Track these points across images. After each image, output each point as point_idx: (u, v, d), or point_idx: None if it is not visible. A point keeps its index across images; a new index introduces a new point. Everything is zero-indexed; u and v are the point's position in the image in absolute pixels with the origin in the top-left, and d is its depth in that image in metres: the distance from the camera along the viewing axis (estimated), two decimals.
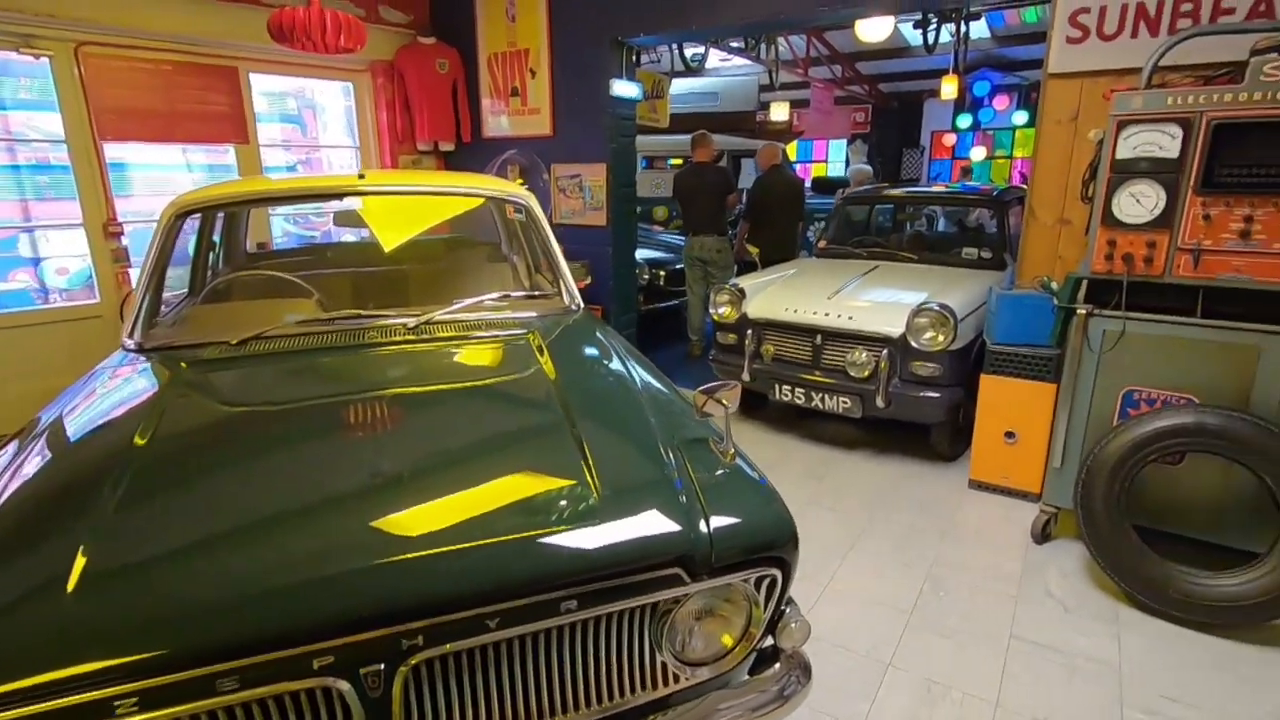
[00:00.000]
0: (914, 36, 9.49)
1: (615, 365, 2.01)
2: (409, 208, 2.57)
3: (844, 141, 13.36)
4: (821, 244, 4.92)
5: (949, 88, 8.23)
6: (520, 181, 5.20)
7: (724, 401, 1.56)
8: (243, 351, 1.93)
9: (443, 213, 2.70)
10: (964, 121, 11.70)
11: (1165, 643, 2.30)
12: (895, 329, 3.43)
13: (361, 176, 2.40)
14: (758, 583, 1.33)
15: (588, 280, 4.94)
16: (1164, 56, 2.61)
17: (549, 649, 1.18)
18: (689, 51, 5.53)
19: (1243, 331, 2.42)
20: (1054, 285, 2.75)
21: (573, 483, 1.37)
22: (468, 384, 1.88)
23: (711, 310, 4.10)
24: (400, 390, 1.73)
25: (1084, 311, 2.65)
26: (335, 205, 3.26)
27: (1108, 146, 2.58)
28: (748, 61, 8.91)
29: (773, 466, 3.63)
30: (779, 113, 10.26)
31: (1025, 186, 6.10)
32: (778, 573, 1.33)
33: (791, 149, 12.69)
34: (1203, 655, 2.24)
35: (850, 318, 3.57)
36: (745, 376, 3.91)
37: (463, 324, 2.16)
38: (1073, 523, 2.98)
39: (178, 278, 2.51)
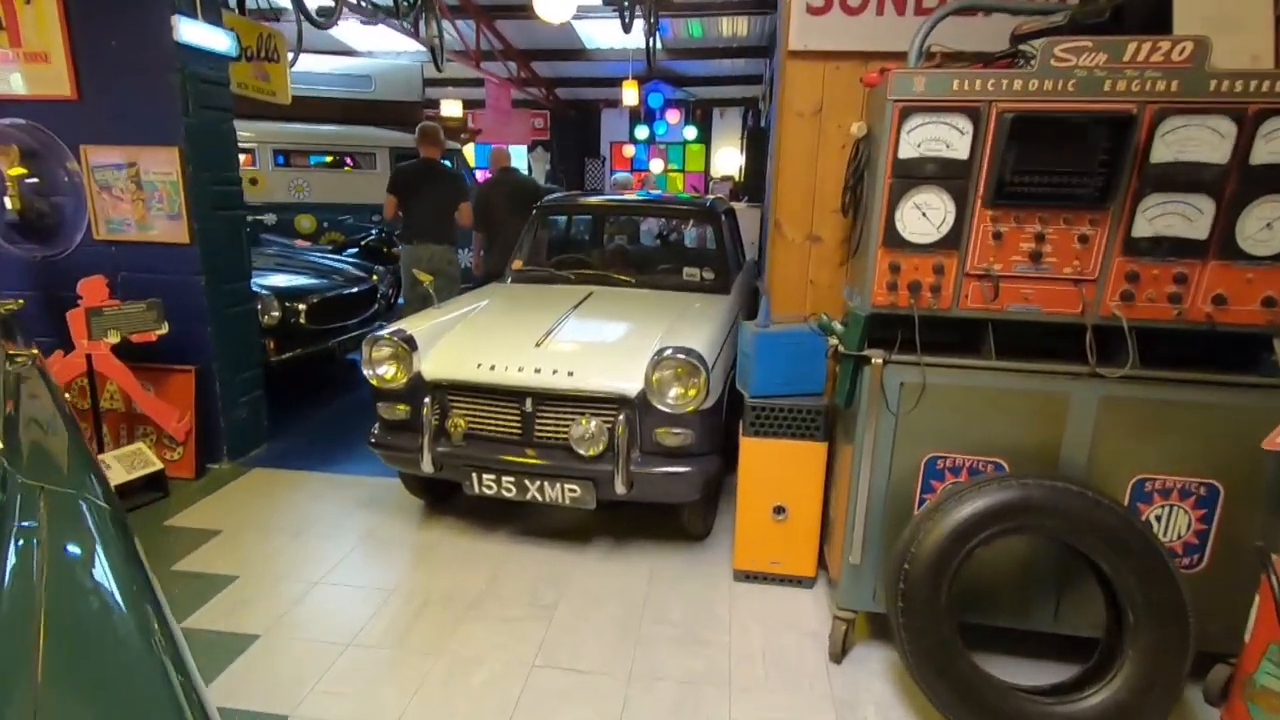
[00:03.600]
0: (590, 39, 9.07)
1: None
2: None
3: (524, 148, 12.64)
4: (517, 264, 3.85)
5: (630, 92, 7.90)
6: (20, 172, 3.15)
7: None
8: None
9: None
10: (641, 133, 11.81)
11: None
12: (632, 385, 2.51)
13: None
14: None
15: (161, 329, 3.19)
16: (929, 36, 2.08)
17: None
18: (314, 4, 4.02)
19: (1050, 376, 1.96)
20: (836, 325, 2.07)
21: None
22: None
23: (367, 371, 2.74)
24: None
25: (879, 361, 1.99)
26: None
27: (887, 141, 1.94)
28: (412, 44, 7.48)
29: (481, 601, 2.45)
30: (451, 108, 9.02)
31: (720, 196, 5.90)
32: None
33: (470, 154, 11.52)
34: None
35: (570, 372, 2.55)
36: (426, 466, 2.65)
37: None
38: (868, 624, 2.37)
39: None
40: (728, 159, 12.90)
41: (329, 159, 7.31)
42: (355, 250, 6.37)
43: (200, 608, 2.40)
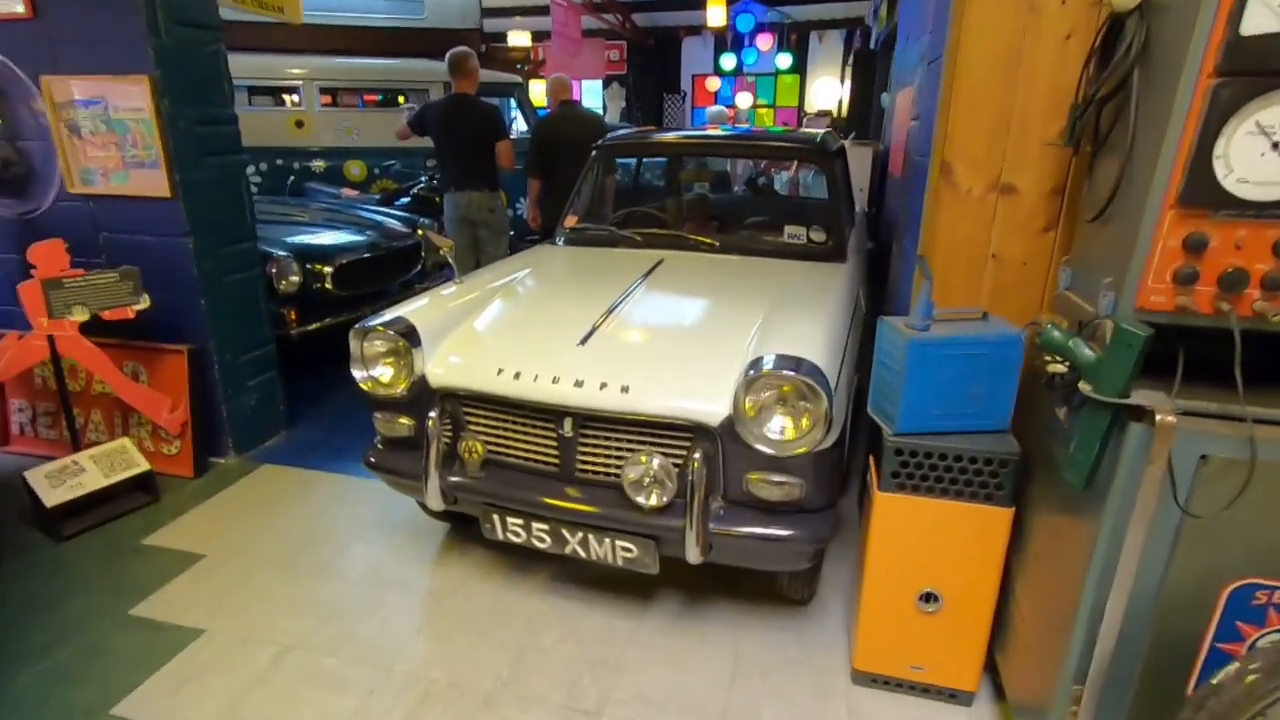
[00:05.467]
0: None
1: None
2: None
3: (599, 83, 11.66)
4: (570, 220, 3.07)
5: (716, 10, 6.79)
6: None
7: None
8: None
9: None
10: (727, 62, 10.58)
11: None
12: (713, 408, 1.71)
13: None
14: None
15: (139, 303, 2.63)
16: None
17: None
18: None
19: None
20: (1080, 346, 1.19)
21: None
22: None
23: (358, 373, 2.06)
24: None
25: (1171, 418, 1.11)
26: None
27: (1206, 9, 1.02)
28: None
29: (497, 696, 1.77)
30: (519, 39, 8.16)
31: (830, 131, 4.85)
32: None
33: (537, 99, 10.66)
34: None
35: (625, 387, 1.77)
36: (433, 500, 1.97)
37: None
38: None
39: None
40: (825, 91, 11.47)
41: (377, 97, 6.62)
42: (407, 201, 5.75)
43: (143, 682, 1.84)
